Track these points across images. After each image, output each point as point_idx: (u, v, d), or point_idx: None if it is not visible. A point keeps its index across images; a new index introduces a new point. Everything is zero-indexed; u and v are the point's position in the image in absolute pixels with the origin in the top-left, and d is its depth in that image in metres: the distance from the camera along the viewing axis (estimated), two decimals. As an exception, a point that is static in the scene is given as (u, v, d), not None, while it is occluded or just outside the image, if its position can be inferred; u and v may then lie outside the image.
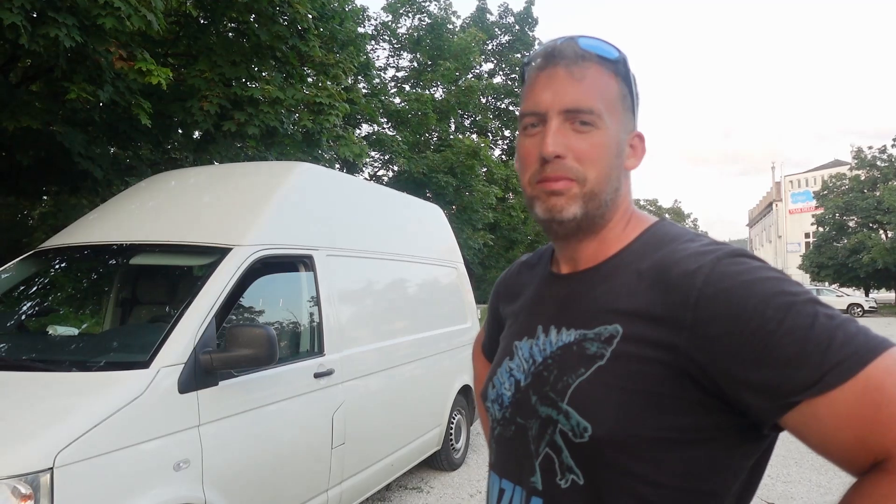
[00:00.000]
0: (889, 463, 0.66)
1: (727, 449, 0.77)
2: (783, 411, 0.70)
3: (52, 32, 4.42)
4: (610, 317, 0.82)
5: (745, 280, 0.73)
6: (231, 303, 2.99)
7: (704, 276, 0.75)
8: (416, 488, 4.79)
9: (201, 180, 4.14)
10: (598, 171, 0.85)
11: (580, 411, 0.80)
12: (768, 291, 0.71)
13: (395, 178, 15.64)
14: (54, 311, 3.91)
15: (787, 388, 0.69)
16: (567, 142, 0.84)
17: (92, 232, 3.59)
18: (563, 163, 0.84)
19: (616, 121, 0.87)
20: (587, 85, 0.85)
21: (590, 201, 0.86)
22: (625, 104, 0.89)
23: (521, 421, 0.89)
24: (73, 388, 2.38)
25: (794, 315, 0.69)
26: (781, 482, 4.98)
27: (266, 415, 2.93)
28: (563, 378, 0.84)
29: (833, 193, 38.99)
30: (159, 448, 2.36)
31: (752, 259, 0.77)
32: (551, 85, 0.86)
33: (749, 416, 0.74)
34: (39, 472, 1.97)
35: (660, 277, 0.80)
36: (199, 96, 6.41)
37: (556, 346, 0.88)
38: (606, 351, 0.81)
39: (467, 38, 18.02)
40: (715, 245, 0.80)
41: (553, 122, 0.85)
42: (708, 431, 0.76)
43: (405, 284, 4.82)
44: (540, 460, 0.85)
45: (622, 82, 0.88)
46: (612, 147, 0.86)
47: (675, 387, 0.76)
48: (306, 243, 3.54)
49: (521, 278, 1.08)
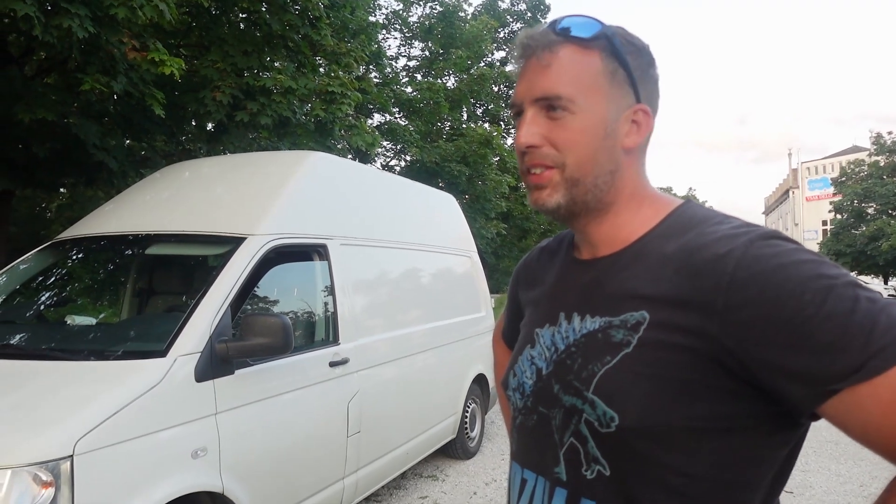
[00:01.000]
0: None
1: (761, 438, 0.75)
2: (823, 399, 0.67)
3: (66, 23, 4.44)
4: (636, 303, 0.79)
5: (780, 263, 0.70)
6: (246, 292, 3.00)
7: (736, 259, 0.72)
8: (432, 476, 4.80)
9: (215, 170, 4.15)
10: (576, 155, 0.83)
11: (606, 400, 0.78)
12: (806, 274, 0.68)
13: (407, 168, 15.62)
14: (72, 302, 3.95)
15: (827, 375, 0.66)
16: (541, 130, 0.84)
17: (108, 222, 3.61)
18: (540, 151, 0.84)
19: (599, 100, 0.84)
20: (555, 70, 0.83)
21: (573, 187, 0.84)
22: (614, 80, 0.84)
23: (543, 410, 0.87)
24: (92, 376, 2.40)
25: (834, 299, 0.66)
26: (799, 471, 4.94)
27: (282, 403, 2.94)
28: (588, 366, 0.81)
29: (851, 180, 38.43)
30: (177, 436, 2.38)
31: (787, 241, 0.73)
32: (525, 76, 0.86)
33: (785, 404, 0.71)
34: (60, 459, 1.99)
35: (687, 261, 0.76)
36: (212, 87, 6.42)
37: (579, 333, 0.85)
38: (633, 338, 0.78)
39: (479, 26, 17.90)
40: (746, 227, 0.77)
41: (528, 113, 0.85)
42: (741, 420, 0.74)
43: (419, 274, 4.81)
44: (564, 451, 0.83)
45: (608, 57, 0.84)
46: (595, 129, 0.84)
47: (706, 374, 0.73)
48: (320, 232, 3.54)
49: (541, 264, 1.06)
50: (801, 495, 4.43)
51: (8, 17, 4.51)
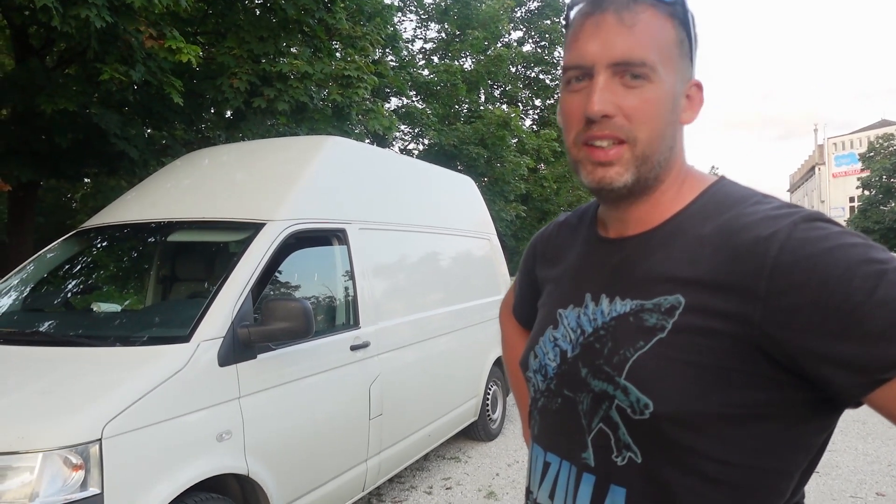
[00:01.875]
0: None
1: (798, 425, 0.72)
2: (872, 388, 0.65)
3: (83, 13, 4.47)
4: (670, 286, 0.76)
5: (827, 246, 0.66)
6: (266, 277, 3.02)
7: (780, 242, 0.68)
8: (455, 458, 4.84)
9: (234, 157, 4.17)
10: (650, 130, 0.78)
11: (640, 387, 0.75)
12: (854, 259, 0.65)
13: (425, 151, 15.56)
14: (98, 289, 4.02)
15: (877, 363, 0.63)
16: (616, 99, 0.77)
17: (130, 211, 3.65)
18: (612, 122, 0.77)
19: (672, 71, 0.79)
20: (639, 33, 0.76)
21: (642, 164, 0.79)
22: (682, 50, 0.80)
23: (568, 394, 0.85)
24: (118, 362, 2.44)
25: (885, 284, 0.63)
26: (827, 451, 4.83)
27: (304, 387, 2.97)
28: (620, 351, 0.79)
29: (880, 155, 37.46)
30: (202, 419, 2.41)
31: (832, 224, 0.70)
32: (598, 34, 0.77)
33: (829, 392, 0.69)
34: (89, 443, 2.03)
35: (726, 243, 0.73)
36: (229, 74, 6.43)
37: (608, 316, 0.82)
38: (667, 323, 0.75)
39: (495, 6, 17.64)
40: (789, 208, 0.73)
41: (600, 77, 0.77)
42: (779, 407, 0.71)
43: (438, 257, 4.81)
44: (593, 436, 0.81)
45: (679, 26, 0.79)
46: (667, 102, 0.79)
47: (745, 361, 0.70)
48: (339, 217, 3.55)
49: (562, 239, 1.01)
50: (827, 475, 4.38)
51: (28, 9, 4.56)
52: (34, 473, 1.95)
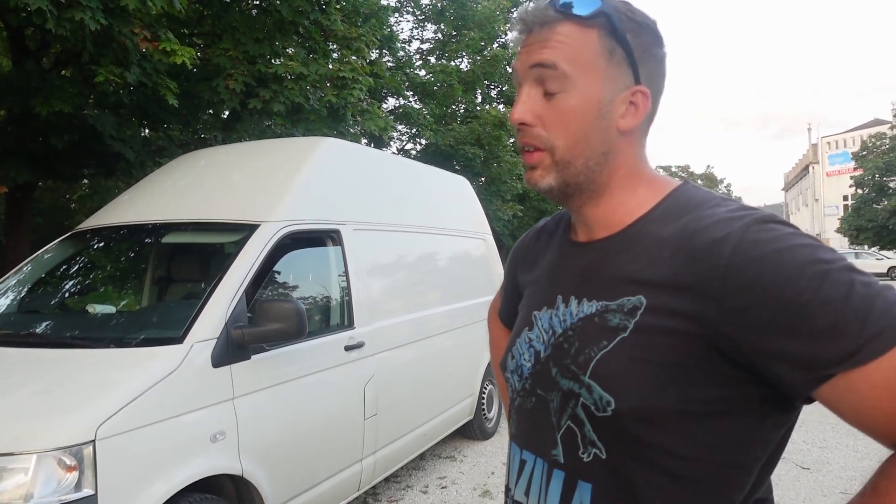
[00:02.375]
0: None
1: (756, 421, 0.75)
2: (818, 384, 0.67)
3: (78, 16, 4.48)
4: (633, 287, 0.79)
5: (777, 248, 0.69)
6: (260, 278, 3.04)
7: (733, 244, 0.71)
8: (450, 457, 4.86)
9: (230, 158, 4.18)
10: (567, 137, 0.82)
11: (603, 385, 0.78)
12: (802, 259, 0.68)
13: (422, 152, 15.58)
14: (94, 290, 4.03)
15: (822, 360, 0.66)
16: (535, 109, 0.83)
17: (126, 212, 3.67)
18: (531, 131, 0.84)
19: (596, 80, 0.82)
20: (554, 44, 0.82)
21: (564, 169, 0.84)
22: (612, 59, 0.82)
23: (541, 393, 0.88)
24: (112, 363, 2.45)
25: (829, 284, 0.66)
26: (818, 447, 4.92)
27: (298, 387, 2.99)
28: (585, 351, 0.82)
29: (873, 154, 37.57)
30: (196, 420, 2.43)
31: (784, 225, 0.72)
32: (524, 50, 0.85)
33: (781, 388, 0.71)
34: (83, 444, 2.05)
35: (684, 245, 0.76)
36: (225, 75, 6.44)
37: (576, 317, 0.85)
38: (629, 323, 0.78)
39: (491, 7, 17.66)
40: (744, 210, 0.76)
41: (524, 89, 0.84)
42: (736, 403, 0.74)
43: (433, 257, 4.83)
44: (562, 433, 0.84)
45: (606, 36, 0.82)
46: (588, 110, 0.82)
47: (702, 359, 0.73)
48: (333, 218, 3.57)
49: (539, 245, 1.05)
50: (818, 471, 4.41)
51: (24, 11, 4.57)
52: (28, 475, 1.97)
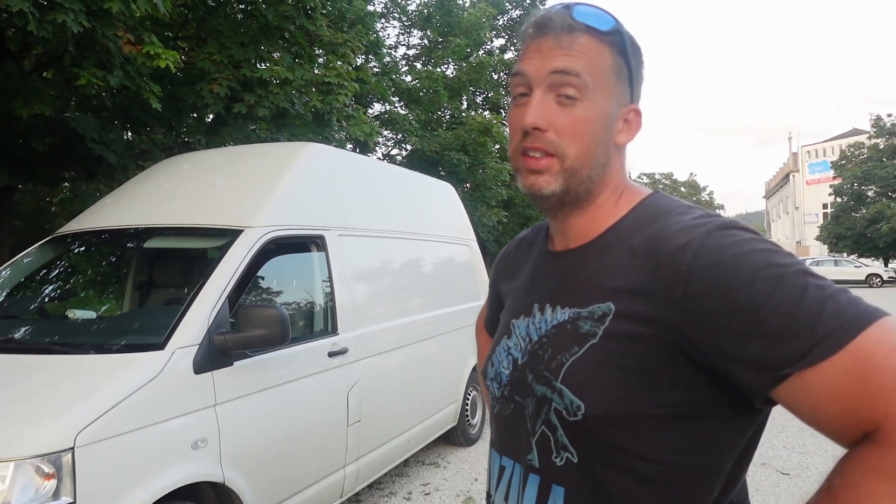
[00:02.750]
0: (878, 434, 0.65)
1: (722, 424, 0.76)
2: (774, 385, 0.69)
3: (60, 18, 4.43)
4: (603, 294, 0.81)
5: (734, 253, 0.71)
6: (244, 284, 3.02)
7: (694, 250, 0.73)
8: (434, 463, 4.85)
9: (213, 163, 4.16)
10: (579, 146, 0.83)
11: (573, 390, 0.80)
12: (757, 263, 0.70)
13: (407, 157, 15.59)
14: (73, 295, 3.98)
15: (776, 361, 0.67)
16: (549, 115, 0.83)
17: (108, 216, 3.63)
18: (544, 136, 0.83)
19: (606, 94, 0.84)
20: (576, 53, 0.82)
21: (571, 177, 0.84)
22: (619, 77, 0.85)
23: (518, 399, 0.89)
24: (92, 369, 2.42)
25: (783, 287, 0.68)
26: (797, 453, 4.97)
27: (281, 394, 2.97)
28: (557, 357, 0.84)
29: (851, 163, 38.31)
30: (177, 427, 2.41)
31: (743, 231, 0.75)
32: (539, 53, 0.84)
33: (740, 390, 0.73)
34: (61, 451, 2.02)
35: (651, 253, 0.78)
36: (209, 79, 6.41)
37: (550, 324, 0.87)
38: (599, 329, 0.80)
39: (477, 14, 17.78)
40: (706, 217, 0.78)
41: (537, 93, 0.83)
42: (703, 407, 0.75)
43: (418, 263, 4.83)
44: (536, 438, 0.85)
45: (617, 54, 0.85)
46: (598, 122, 0.84)
47: (669, 363, 0.75)
48: (318, 223, 3.56)
49: (520, 255, 1.07)
50: (797, 476, 4.46)
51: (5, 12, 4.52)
52: (6, 482, 1.94)
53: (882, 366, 0.64)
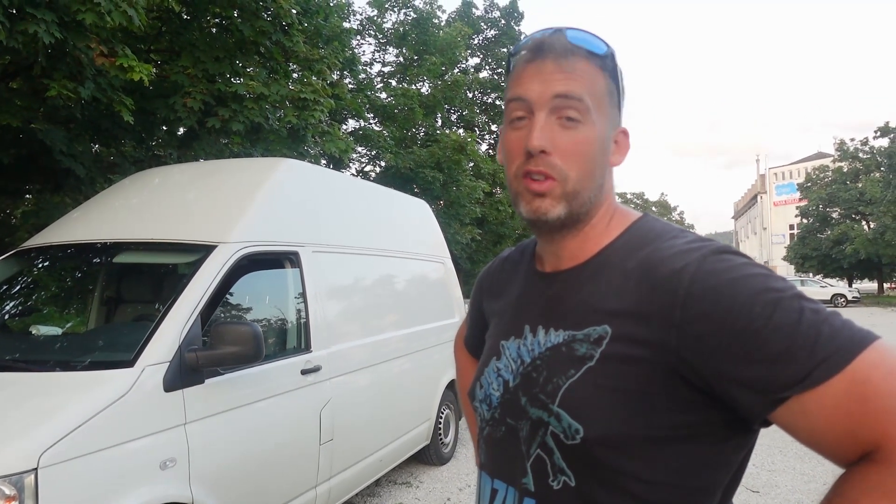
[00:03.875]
0: (878, 454, 0.66)
1: (718, 444, 0.78)
2: (773, 407, 0.70)
3: (31, 29, 4.36)
4: (599, 317, 0.82)
5: (731, 277, 0.73)
6: (216, 300, 2.98)
7: (691, 273, 0.75)
8: (406, 483, 4.80)
9: (186, 177, 4.11)
10: (580, 169, 0.84)
11: (571, 413, 0.80)
12: (755, 288, 0.71)
13: (382, 174, 15.60)
14: (37, 311, 3.87)
15: (776, 384, 0.69)
16: (553, 137, 0.82)
17: (75, 230, 3.55)
18: (548, 159, 0.82)
19: (603, 117, 0.85)
20: (577, 77, 0.83)
21: (573, 200, 0.84)
22: (612, 100, 0.87)
23: (511, 422, 0.89)
24: (57, 388, 2.36)
25: (781, 311, 0.69)
26: (766, 471, 5.04)
27: (253, 412, 2.92)
28: (553, 380, 0.83)
29: (817, 185, 39.45)
30: (145, 447, 2.35)
31: (737, 255, 0.76)
32: (540, 76, 0.83)
33: (739, 412, 0.74)
34: (24, 472, 1.95)
35: (646, 276, 0.79)
36: (183, 93, 6.35)
37: (544, 346, 0.87)
38: (596, 352, 0.80)
39: (453, 33, 17.99)
40: (700, 242, 0.80)
41: (540, 116, 0.83)
42: (699, 428, 0.76)
43: (392, 280, 4.82)
44: (531, 462, 0.84)
45: (609, 78, 0.86)
46: (598, 144, 0.85)
47: (666, 385, 0.76)
48: (292, 240, 3.53)
49: (505, 275, 1.07)
50: (766, 494, 4.52)
51: (-29, 20, 4.43)
52: (-37, 505, 1.87)
53: (880, 388, 0.66)
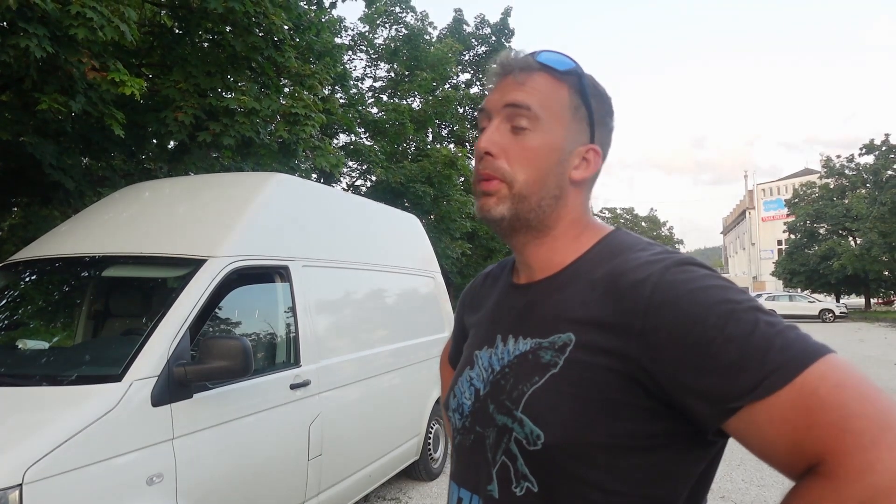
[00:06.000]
0: (822, 467, 0.65)
1: (678, 455, 0.78)
2: (725, 417, 0.71)
3: (23, 43, 4.37)
4: (564, 325, 0.83)
5: (690, 289, 0.74)
6: (206, 314, 2.97)
7: (653, 284, 0.76)
8: (395, 499, 4.77)
9: (176, 191, 4.12)
10: (528, 174, 0.87)
11: (533, 419, 0.81)
12: (712, 300, 0.73)
13: (372, 188, 15.62)
14: (24, 325, 3.85)
15: (728, 394, 0.69)
16: (502, 142, 0.88)
17: (63, 244, 3.54)
18: (494, 162, 0.88)
19: (560, 128, 0.89)
20: (529, 88, 0.88)
21: (519, 203, 0.88)
22: (577, 115, 0.90)
23: (479, 430, 0.90)
24: (44, 402, 2.35)
25: (735, 322, 0.70)
26: (755, 486, 5.06)
27: (241, 427, 2.91)
28: (519, 386, 0.85)
29: (804, 201, 39.85)
30: (132, 462, 2.34)
31: (700, 267, 0.78)
32: (500, 89, 0.91)
33: (694, 421, 0.74)
34: (8, 488, 1.94)
35: (611, 286, 0.81)
36: (174, 107, 6.36)
37: (512, 354, 0.89)
38: (560, 359, 0.81)
39: (444, 49, 18.12)
40: (665, 254, 0.81)
41: (493, 122, 0.89)
42: (659, 438, 0.77)
43: (382, 294, 4.82)
44: (497, 468, 0.85)
45: (575, 94, 0.90)
46: (550, 153, 0.88)
47: (627, 394, 0.77)
48: (282, 254, 3.54)
49: (485, 289, 1.09)
50: (756, 510, 4.53)
51: (-38, 34, 4.43)
52: (-54, 521, 1.85)
53: (826, 400, 0.66)
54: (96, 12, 4.57)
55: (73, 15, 4.52)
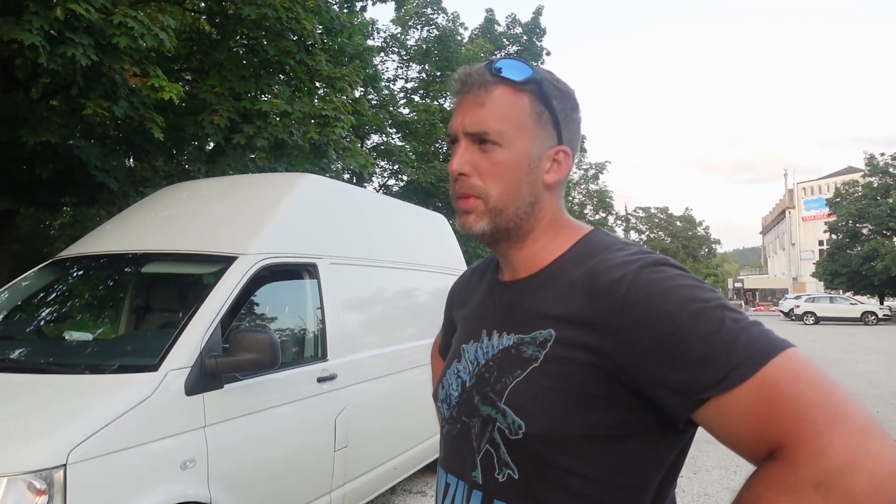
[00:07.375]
0: (781, 452, 0.71)
1: (651, 444, 0.84)
2: (694, 408, 0.76)
3: (70, 52, 4.61)
4: (545, 322, 0.88)
5: (662, 287, 0.79)
6: (236, 309, 3.12)
7: (628, 283, 0.81)
8: (420, 492, 4.87)
9: (212, 191, 4.29)
10: (501, 187, 0.92)
11: (515, 410, 0.86)
12: (682, 298, 0.78)
13: (404, 188, 15.80)
14: (72, 318, 4.07)
15: (696, 386, 0.75)
16: (473, 160, 0.93)
17: (107, 241, 3.74)
18: (468, 180, 0.93)
19: (526, 138, 0.92)
20: (488, 108, 0.92)
21: (497, 216, 0.93)
22: (540, 121, 0.93)
23: (465, 420, 0.96)
24: (87, 389, 2.51)
25: (703, 319, 0.75)
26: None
27: (270, 417, 3.05)
28: (502, 379, 0.90)
29: (846, 201, 38.63)
30: (167, 447, 2.48)
31: (673, 267, 0.84)
32: (460, 110, 0.95)
33: (665, 412, 0.80)
34: (53, 468, 2.08)
35: (589, 285, 0.86)
36: (210, 110, 6.59)
37: (497, 349, 0.94)
38: (541, 354, 0.87)
39: (475, 50, 18.18)
40: (641, 254, 0.86)
41: (461, 143, 0.94)
42: (633, 428, 0.82)
43: (409, 292, 4.92)
44: (481, 456, 0.91)
45: (536, 100, 0.93)
46: (519, 164, 0.92)
47: (603, 387, 0.82)
48: (310, 252, 3.67)
49: (471, 285, 1.15)
50: None
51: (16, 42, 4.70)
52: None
53: (785, 391, 0.71)
54: (137, 21, 4.79)
55: (115, 24, 4.76)
